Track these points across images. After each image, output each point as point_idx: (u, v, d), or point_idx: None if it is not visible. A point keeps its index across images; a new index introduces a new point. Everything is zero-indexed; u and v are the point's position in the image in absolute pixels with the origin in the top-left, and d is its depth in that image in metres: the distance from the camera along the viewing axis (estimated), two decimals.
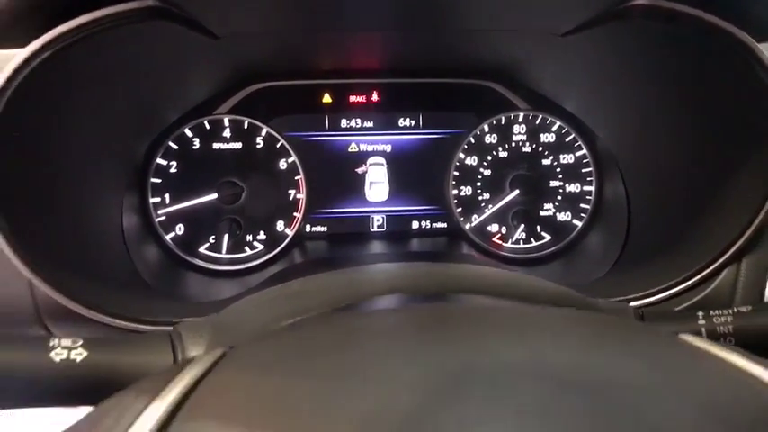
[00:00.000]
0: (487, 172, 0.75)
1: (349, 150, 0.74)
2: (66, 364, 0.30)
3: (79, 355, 0.30)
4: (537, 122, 0.75)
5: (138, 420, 0.21)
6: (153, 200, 0.70)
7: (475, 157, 0.75)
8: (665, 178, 0.64)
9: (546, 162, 0.75)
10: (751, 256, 0.52)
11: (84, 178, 0.58)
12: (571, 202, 0.76)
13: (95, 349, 0.30)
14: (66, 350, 0.30)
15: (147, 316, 0.47)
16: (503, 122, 0.75)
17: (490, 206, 0.75)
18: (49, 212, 0.50)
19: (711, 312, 0.37)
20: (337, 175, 0.74)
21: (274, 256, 0.73)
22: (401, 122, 0.75)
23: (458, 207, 0.75)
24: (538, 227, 0.76)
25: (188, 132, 0.71)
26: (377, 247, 0.73)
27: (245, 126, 0.72)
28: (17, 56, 0.42)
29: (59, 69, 0.45)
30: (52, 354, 0.30)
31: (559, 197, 0.76)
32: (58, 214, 0.51)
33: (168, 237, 0.71)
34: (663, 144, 0.63)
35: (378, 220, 0.75)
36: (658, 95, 0.59)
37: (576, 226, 0.76)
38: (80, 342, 0.30)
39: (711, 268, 0.52)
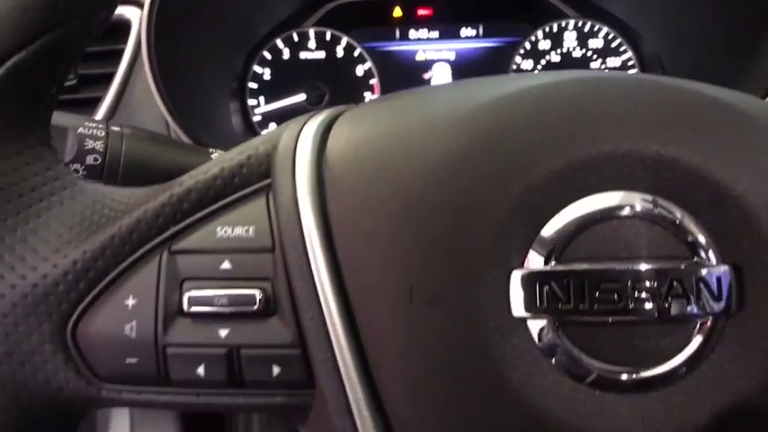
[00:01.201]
0: None
1: (417, 59, 0.85)
2: None
3: None
4: (586, 29, 0.84)
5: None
6: (251, 102, 0.82)
7: (530, 62, 0.84)
8: (700, 76, 0.72)
9: (594, 65, 0.84)
10: None
11: (201, 85, 0.71)
12: None
13: None
14: None
15: None
16: (555, 30, 0.84)
17: None
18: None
19: None
20: (407, 80, 0.84)
21: None
22: (463, 32, 0.85)
23: None
24: None
25: (279, 43, 0.82)
26: None
27: (328, 37, 0.83)
28: None
29: None
30: None
31: None
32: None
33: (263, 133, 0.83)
34: (699, 42, 0.71)
35: None
36: None
37: None
38: None
39: None
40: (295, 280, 0.26)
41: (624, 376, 0.24)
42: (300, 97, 0.82)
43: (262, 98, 0.82)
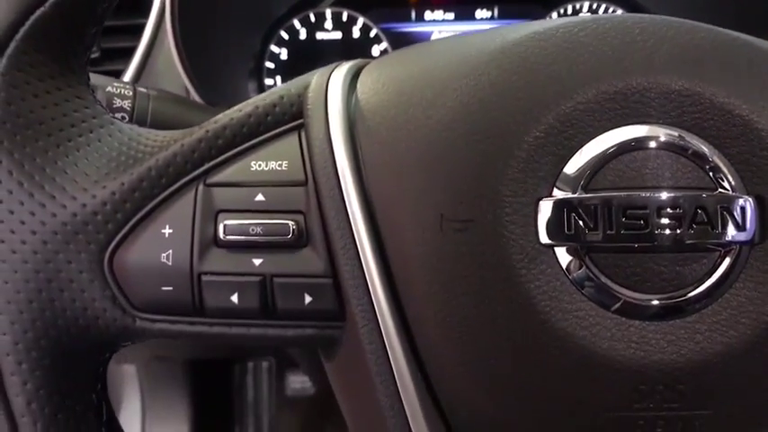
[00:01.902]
0: None
1: (432, 39, 0.86)
2: None
3: None
4: (600, 11, 0.84)
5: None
6: (267, 81, 0.83)
7: None
8: None
9: None
10: None
11: (220, 63, 0.72)
12: None
13: None
14: None
15: None
16: (569, 11, 0.84)
17: None
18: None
19: None
20: None
21: None
22: (478, 14, 0.86)
23: None
24: None
25: (296, 23, 0.83)
26: None
27: (344, 18, 0.84)
28: None
29: None
30: None
31: None
32: None
33: None
34: (712, 21, 0.72)
35: None
36: None
37: None
38: None
39: None
40: (328, 211, 0.27)
41: (649, 303, 0.25)
42: None
43: (278, 78, 0.83)
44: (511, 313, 0.25)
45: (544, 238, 0.25)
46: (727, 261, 0.25)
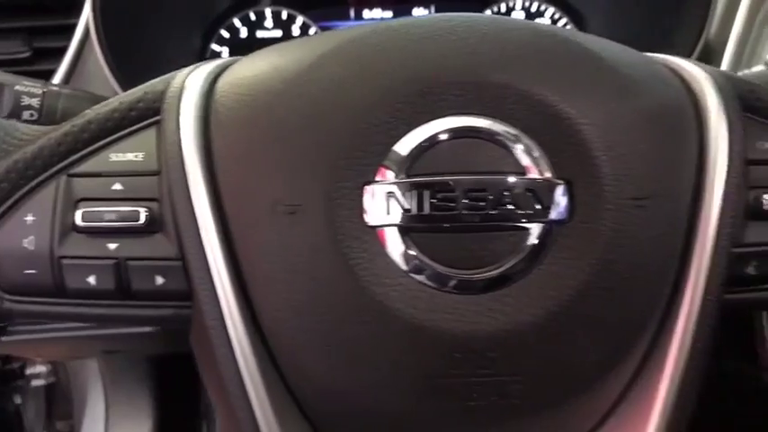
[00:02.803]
0: None
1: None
2: None
3: None
4: (533, 9, 0.87)
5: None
6: None
7: None
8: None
9: None
10: None
11: (158, 62, 0.74)
12: None
13: None
14: None
15: None
16: (503, 9, 0.87)
17: None
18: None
19: None
20: None
21: None
22: (415, 12, 0.88)
23: None
24: None
25: (236, 22, 0.85)
26: None
27: (284, 16, 0.86)
28: None
29: None
30: None
31: None
32: None
33: None
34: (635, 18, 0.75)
35: None
36: None
37: None
38: None
39: None
40: (175, 198, 0.29)
41: (464, 278, 0.28)
42: None
43: None
44: (340, 290, 0.28)
45: (369, 220, 0.28)
46: (534, 239, 0.28)
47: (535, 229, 0.28)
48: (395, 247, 0.28)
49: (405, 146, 0.28)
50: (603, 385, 0.30)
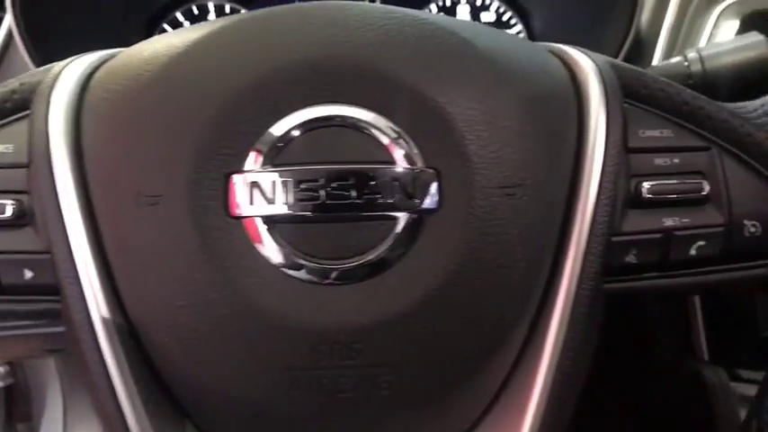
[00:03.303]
0: None
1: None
2: None
3: None
4: (478, 3, 0.87)
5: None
6: None
7: None
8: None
9: None
10: None
11: None
12: None
13: None
14: None
15: None
16: (448, 3, 0.87)
17: None
18: None
19: None
20: None
21: None
22: None
23: None
24: None
25: (179, 16, 0.84)
26: None
27: (227, 10, 0.85)
28: None
29: None
30: None
31: None
32: None
33: None
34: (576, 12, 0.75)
35: None
36: None
37: None
38: None
39: None
40: (41, 191, 0.29)
41: (329, 268, 0.27)
42: None
43: None
44: (202, 283, 0.27)
45: (233, 211, 0.27)
46: (401, 229, 0.27)
47: (403, 219, 0.27)
48: (258, 238, 0.27)
49: (271, 135, 0.28)
50: (479, 379, 0.29)
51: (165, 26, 0.83)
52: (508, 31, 0.86)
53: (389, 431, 0.30)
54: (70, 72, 0.31)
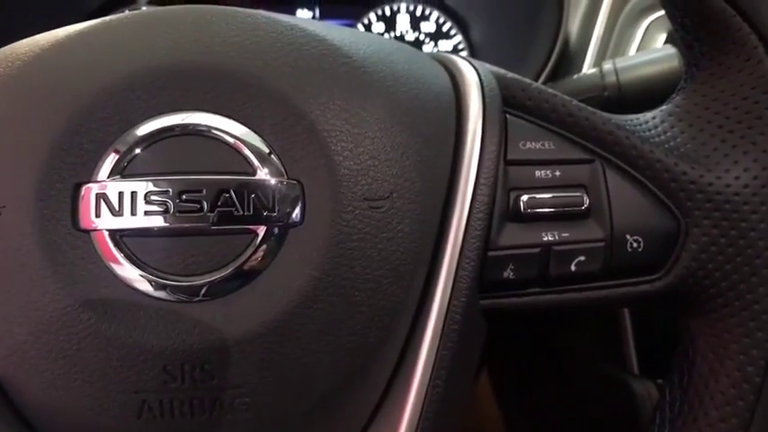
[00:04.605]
0: None
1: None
2: None
3: None
4: (418, 13, 0.86)
5: None
6: None
7: None
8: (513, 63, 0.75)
9: (427, 48, 0.87)
10: None
11: None
12: None
13: None
14: None
15: None
16: (388, 13, 0.86)
17: None
18: None
19: None
20: None
21: None
22: (300, 14, 0.86)
23: None
24: None
25: None
26: None
27: None
28: None
29: None
30: None
31: None
32: None
33: None
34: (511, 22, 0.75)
35: None
36: None
37: None
38: None
39: None
40: None
41: (180, 286, 0.26)
42: None
43: None
44: (47, 300, 0.25)
45: (79, 223, 0.26)
46: (258, 243, 0.26)
47: (261, 232, 0.26)
48: (106, 252, 0.26)
49: (122, 144, 0.26)
50: (348, 400, 0.28)
51: None
52: (447, 41, 0.86)
53: None
54: None
